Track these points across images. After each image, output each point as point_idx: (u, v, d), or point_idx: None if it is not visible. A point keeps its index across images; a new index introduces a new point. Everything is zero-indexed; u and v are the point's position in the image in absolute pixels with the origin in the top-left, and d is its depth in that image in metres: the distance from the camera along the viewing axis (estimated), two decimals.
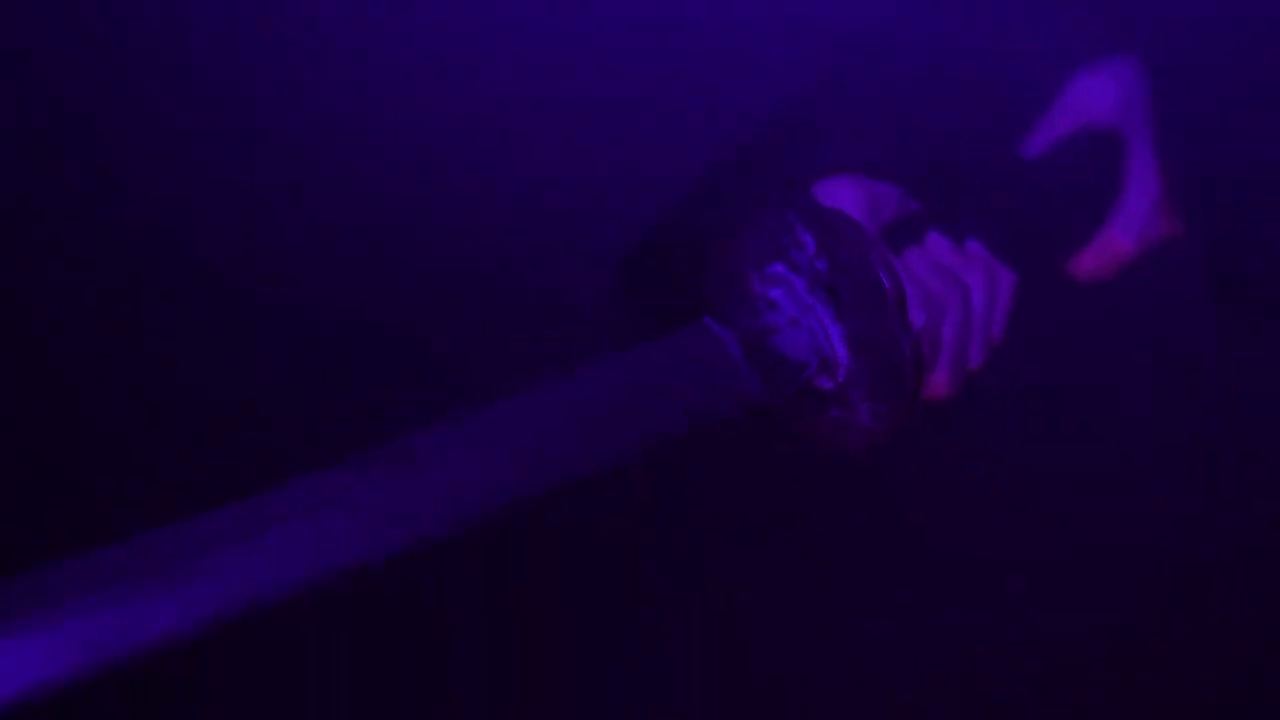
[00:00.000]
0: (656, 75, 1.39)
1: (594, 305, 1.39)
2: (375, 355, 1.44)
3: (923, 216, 0.90)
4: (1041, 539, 1.38)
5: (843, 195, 0.87)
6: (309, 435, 1.41)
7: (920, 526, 1.36)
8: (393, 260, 1.43)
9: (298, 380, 1.43)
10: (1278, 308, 1.00)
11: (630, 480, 0.75)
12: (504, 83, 1.41)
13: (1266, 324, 1.03)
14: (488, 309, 1.43)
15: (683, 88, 1.39)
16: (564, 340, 1.41)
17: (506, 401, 0.69)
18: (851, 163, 0.90)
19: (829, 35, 1.06)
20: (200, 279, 1.42)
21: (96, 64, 1.38)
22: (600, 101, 1.40)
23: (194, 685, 1.25)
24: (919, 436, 0.90)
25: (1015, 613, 1.38)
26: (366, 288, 1.43)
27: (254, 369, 1.42)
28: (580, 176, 1.41)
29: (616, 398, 0.71)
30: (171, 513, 1.40)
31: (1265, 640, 1.38)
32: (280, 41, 1.39)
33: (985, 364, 0.90)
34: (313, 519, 0.62)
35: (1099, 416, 1.37)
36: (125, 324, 1.41)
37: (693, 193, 1.01)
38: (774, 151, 0.96)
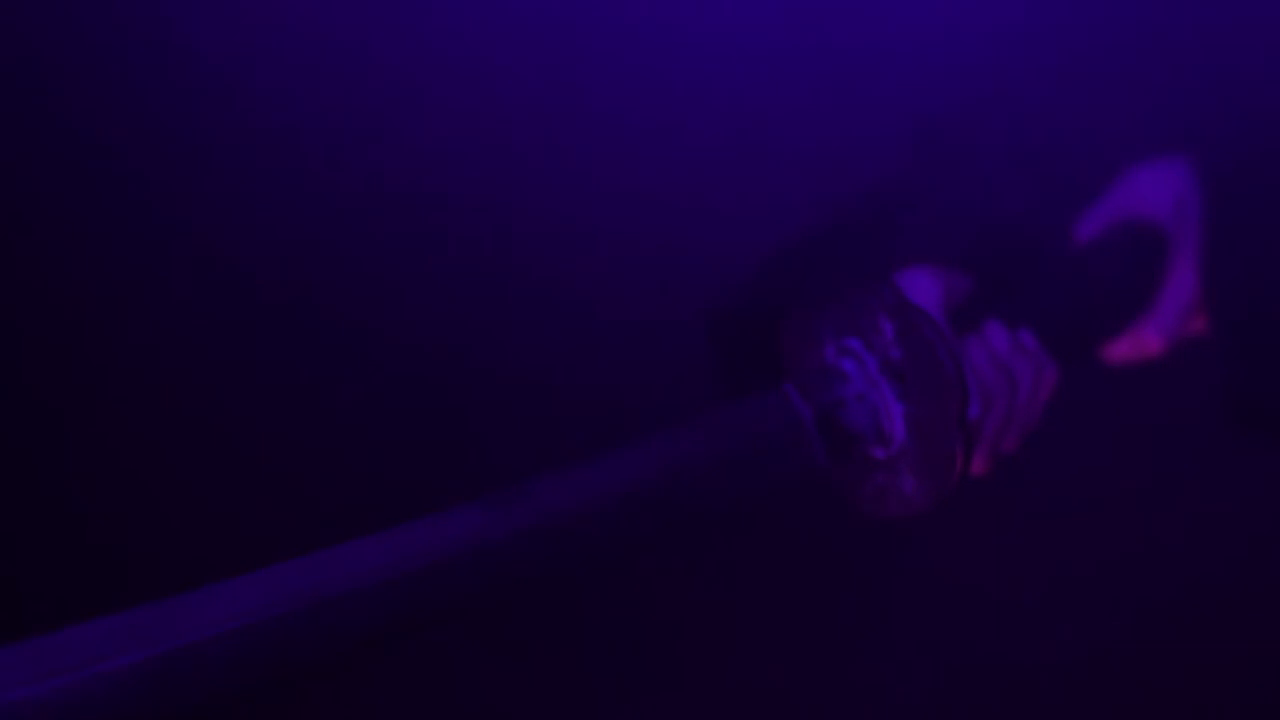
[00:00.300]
0: (658, 76, 1.38)
1: (598, 304, 1.39)
2: (376, 356, 1.43)
3: (985, 305, 0.95)
4: (1061, 558, 1.37)
5: (922, 285, 0.92)
6: (312, 437, 1.40)
7: (935, 541, 1.35)
8: (400, 263, 1.42)
9: (301, 383, 1.42)
10: None
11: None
12: (517, 91, 1.40)
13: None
14: (496, 313, 1.42)
15: (682, 87, 1.38)
16: (566, 340, 1.41)
17: (600, 457, 0.75)
18: (933, 250, 0.96)
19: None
20: (201, 278, 1.41)
21: (97, 64, 1.37)
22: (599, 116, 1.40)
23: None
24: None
25: (1032, 632, 1.38)
26: (378, 294, 1.43)
27: (254, 368, 1.41)
28: (578, 184, 1.40)
29: (705, 455, 0.78)
30: (171, 516, 1.39)
31: None
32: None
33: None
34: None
35: (1116, 432, 1.36)
36: (125, 324, 1.40)
37: (784, 261, 1.08)
38: (861, 230, 1.04)
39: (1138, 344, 1.01)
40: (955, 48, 1.15)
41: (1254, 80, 1.04)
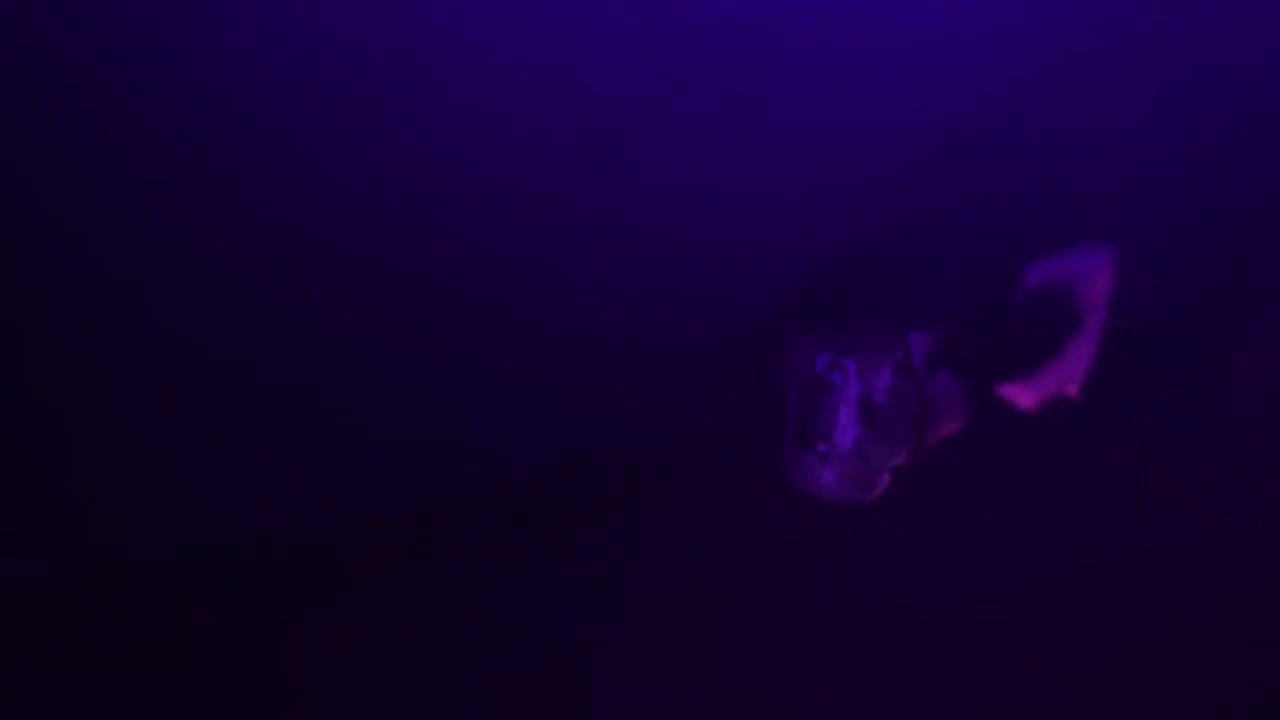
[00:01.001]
0: (659, 78, 1.39)
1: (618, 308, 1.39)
2: (376, 356, 1.43)
3: (946, 360, 1.09)
4: (1043, 562, 1.38)
5: (920, 342, 1.06)
6: (312, 437, 1.40)
7: (930, 546, 1.35)
8: (400, 263, 1.42)
9: (301, 383, 1.42)
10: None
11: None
12: (517, 91, 1.40)
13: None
14: (497, 311, 1.42)
15: (682, 88, 1.38)
16: (566, 340, 1.40)
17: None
18: (944, 314, 1.12)
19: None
20: (201, 278, 1.41)
21: (97, 64, 1.37)
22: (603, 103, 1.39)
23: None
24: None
25: (1018, 632, 1.38)
26: (378, 294, 1.42)
27: (254, 368, 1.41)
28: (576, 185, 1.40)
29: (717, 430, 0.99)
30: (171, 516, 1.39)
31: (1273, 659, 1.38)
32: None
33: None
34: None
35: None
36: (125, 324, 1.40)
37: (784, 259, 1.23)
38: (860, 231, 1.17)
39: (1018, 394, 1.15)
40: (955, 48, 1.17)
41: (1254, 80, 1.05)
